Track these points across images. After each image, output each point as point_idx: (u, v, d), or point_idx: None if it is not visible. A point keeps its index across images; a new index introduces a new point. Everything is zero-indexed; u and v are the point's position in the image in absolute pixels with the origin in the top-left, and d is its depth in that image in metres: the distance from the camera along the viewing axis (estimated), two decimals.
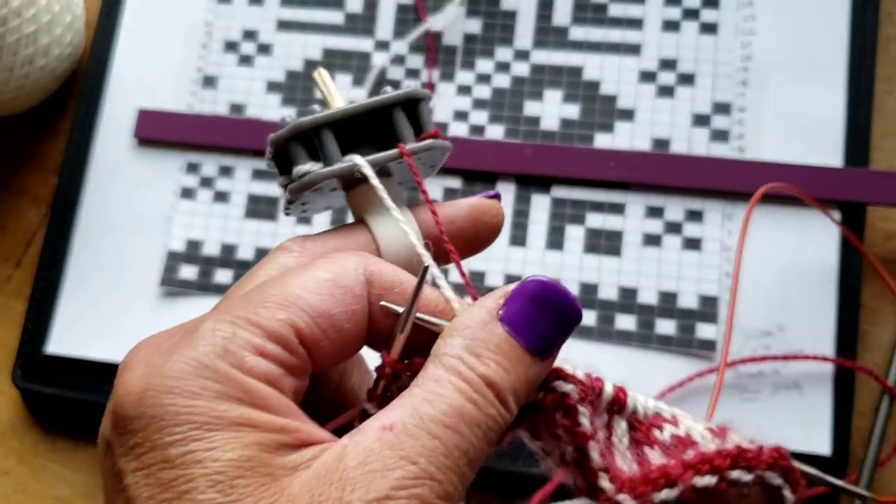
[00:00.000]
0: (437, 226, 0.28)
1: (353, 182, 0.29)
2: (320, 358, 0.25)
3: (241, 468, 0.22)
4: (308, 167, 0.29)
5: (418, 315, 0.26)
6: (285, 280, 0.25)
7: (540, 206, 0.52)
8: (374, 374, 0.26)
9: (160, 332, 0.25)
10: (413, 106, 0.30)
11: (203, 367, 0.23)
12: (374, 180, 0.29)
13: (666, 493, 0.25)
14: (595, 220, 0.51)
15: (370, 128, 0.30)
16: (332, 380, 0.29)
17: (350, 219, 0.31)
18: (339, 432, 0.24)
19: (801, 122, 0.51)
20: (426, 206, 0.29)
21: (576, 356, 0.28)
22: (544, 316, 0.25)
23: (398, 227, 0.28)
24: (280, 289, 0.25)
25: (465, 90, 0.55)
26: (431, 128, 0.30)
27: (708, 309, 0.49)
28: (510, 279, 0.51)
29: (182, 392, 0.22)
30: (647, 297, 0.50)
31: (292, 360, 0.24)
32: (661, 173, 0.51)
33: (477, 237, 0.29)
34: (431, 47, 0.55)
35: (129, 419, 0.23)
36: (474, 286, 0.32)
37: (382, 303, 0.26)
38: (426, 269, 0.26)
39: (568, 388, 0.25)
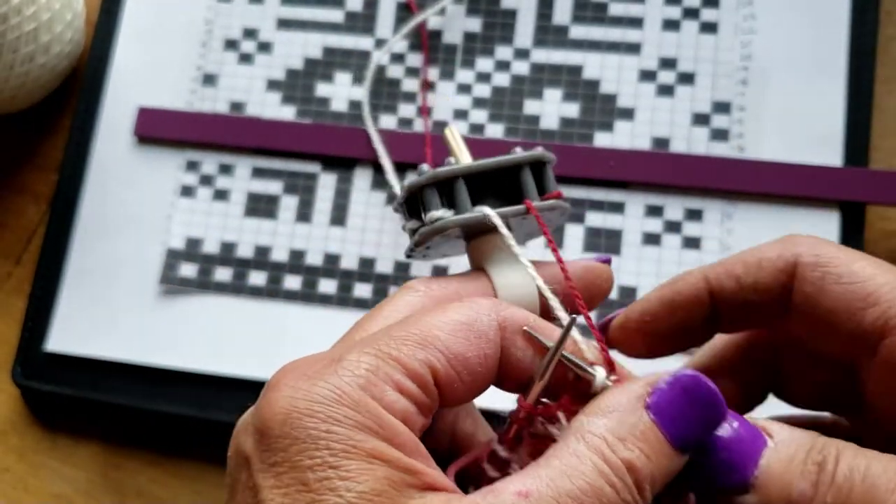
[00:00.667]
0: (567, 281, 0.29)
1: (475, 232, 0.31)
2: (450, 398, 0.26)
3: (371, 502, 0.22)
4: (441, 213, 0.30)
5: (564, 353, 0.26)
6: (424, 320, 0.26)
7: None
8: (508, 419, 0.27)
9: (306, 357, 0.26)
10: (540, 167, 0.32)
11: (345, 396, 0.23)
12: (503, 229, 0.30)
13: None
14: (595, 218, 0.51)
15: (496, 182, 0.31)
16: (447, 419, 0.30)
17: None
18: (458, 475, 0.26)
19: (801, 121, 0.51)
20: (538, 262, 0.30)
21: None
22: (692, 411, 0.24)
23: (517, 277, 0.30)
24: (420, 328, 0.25)
25: (464, 89, 0.55)
26: (555, 189, 0.32)
27: None
28: None
29: (325, 417, 0.23)
30: None
31: (425, 399, 0.25)
32: (660, 172, 0.51)
33: (589, 298, 0.30)
34: (425, 43, 0.55)
35: (274, 438, 0.23)
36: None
37: (526, 327, 0.27)
38: (573, 320, 0.27)
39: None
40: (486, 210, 0.30)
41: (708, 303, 0.26)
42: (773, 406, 0.31)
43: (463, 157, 0.33)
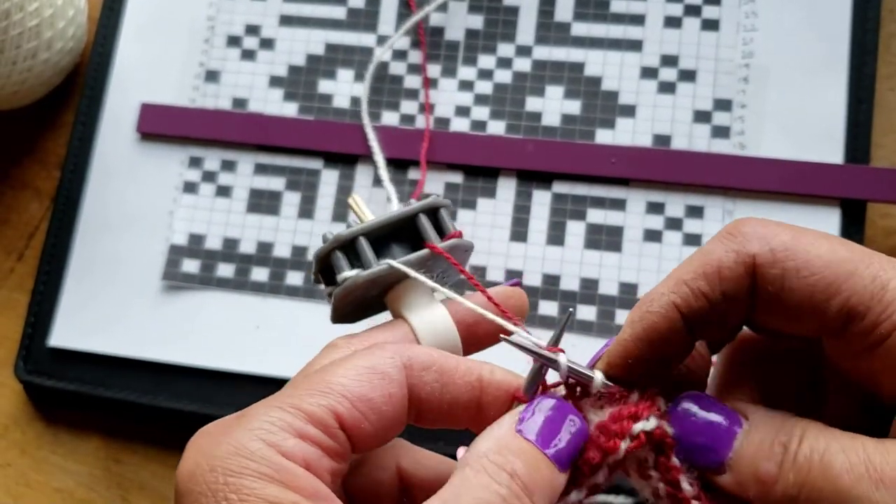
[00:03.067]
0: (490, 300, 0.32)
1: (391, 284, 0.33)
2: (362, 440, 0.27)
3: None
4: (348, 273, 0.32)
5: (571, 365, 0.28)
6: (329, 369, 0.28)
7: (541, 201, 0.52)
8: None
9: (220, 419, 0.28)
10: (434, 212, 0.34)
11: (244, 448, 0.25)
12: (412, 272, 0.32)
13: None
14: (596, 215, 0.51)
15: (399, 234, 0.34)
16: (387, 466, 0.32)
17: None
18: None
19: (802, 118, 0.51)
20: (450, 301, 0.32)
21: (576, 352, 0.28)
22: (556, 427, 0.27)
23: (434, 316, 0.32)
24: (323, 377, 0.27)
25: (466, 85, 0.55)
26: (452, 230, 0.34)
27: None
28: (511, 274, 0.51)
29: (223, 471, 0.25)
30: None
31: (331, 443, 0.26)
32: (661, 169, 0.51)
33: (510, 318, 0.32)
34: (423, 40, 0.55)
35: (183, 494, 0.26)
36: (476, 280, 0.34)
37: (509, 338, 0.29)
38: (570, 313, 0.29)
39: (668, 430, 0.27)
40: (390, 261, 0.32)
41: (683, 327, 0.27)
42: None
43: (367, 217, 0.35)
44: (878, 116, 0.51)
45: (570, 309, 0.28)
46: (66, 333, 0.54)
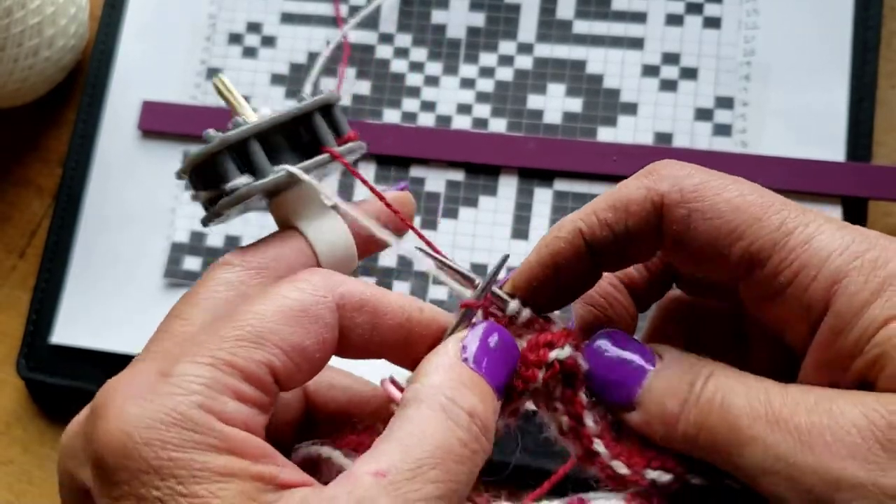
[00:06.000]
0: (388, 207, 0.31)
1: (276, 191, 0.30)
2: (290, 387, 0.25)
3: None
4: (243, 181, 0.28)
5: (493, 290, 0.28)
6: (256, 310, 0.25)
7: (542, 199, 0.52)
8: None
9: (131, 372, 0.25)
10: (328, 110, 0.31)
11: (183, 419, 0.23)
12: (315, 183, 0.29)
13: (659, 475, 0.26)
14: None
15: (287, 133, 0.30)
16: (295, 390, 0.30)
17: None
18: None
19: (804, 116, 0.51)
20: (341, 209, 0.30)
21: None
22: (496, 355, 0.26)
23: (329, 226, 0.29)
24: (253, 322, 0.25)
25: (468, 83, 0.55)
26: (348, 130, 0.31)
27: None
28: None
29: (163, 444, 0.22)
30: None
31: (265, 399, 0.24)
32: None
33: (396, 227, 0.31)
34: (347, 48, 0.55)
35: (113, 471, 0.22)
36: (479, 281, 0.34)
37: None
38: (506, 257, 0.28)
39: (579, 358, 0.27)
40: (290, 168, 0.29)
41: (587, 253, 0.27)
42: None
43: (245, 111, 0.31)
44: (879, 114, 0.51)
45: (506, 254, 0.28)
46: (68, 331, 0.54)
